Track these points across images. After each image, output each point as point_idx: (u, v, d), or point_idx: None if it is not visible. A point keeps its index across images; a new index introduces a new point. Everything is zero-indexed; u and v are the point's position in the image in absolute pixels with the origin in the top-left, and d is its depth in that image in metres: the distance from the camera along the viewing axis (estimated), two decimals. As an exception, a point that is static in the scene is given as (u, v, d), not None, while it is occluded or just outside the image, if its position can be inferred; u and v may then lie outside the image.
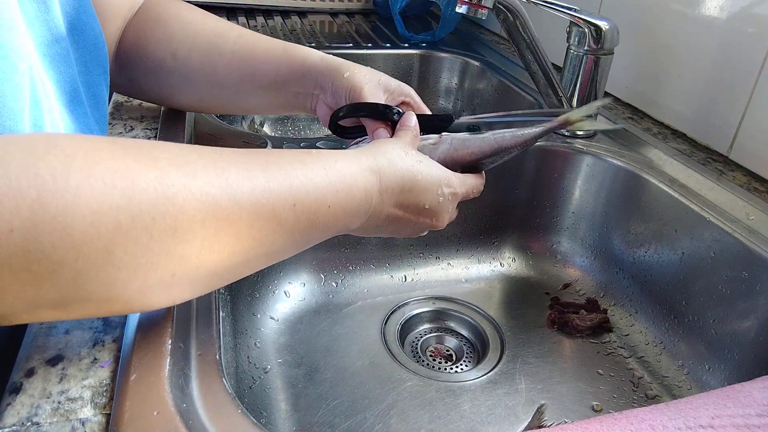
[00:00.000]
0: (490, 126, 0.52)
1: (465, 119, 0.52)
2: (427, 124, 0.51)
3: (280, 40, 0.56)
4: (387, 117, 0.50)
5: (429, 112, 0.55)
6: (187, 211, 0.29)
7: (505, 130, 0.49)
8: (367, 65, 0.55)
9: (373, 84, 0.52)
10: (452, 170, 0.47)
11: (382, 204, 0.41)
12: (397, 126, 0.50)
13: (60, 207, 0.26)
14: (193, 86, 0.57)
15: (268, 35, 0.57)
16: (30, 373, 0.33)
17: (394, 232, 0.45)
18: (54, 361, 0.34)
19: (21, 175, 0.25)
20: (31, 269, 0.26)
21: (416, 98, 0.55)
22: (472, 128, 0.53)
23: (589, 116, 0.48)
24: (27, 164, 0.25)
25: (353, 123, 0.53)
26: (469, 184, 0.48)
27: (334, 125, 0.53)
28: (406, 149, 0.44)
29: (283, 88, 0.55)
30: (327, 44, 1.00)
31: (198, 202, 0.30)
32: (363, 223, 0.41)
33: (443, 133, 0.50)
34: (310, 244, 0.38)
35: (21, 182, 0.25)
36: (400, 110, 0.51)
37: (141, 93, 0.62)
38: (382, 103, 0.52)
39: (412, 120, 0.49)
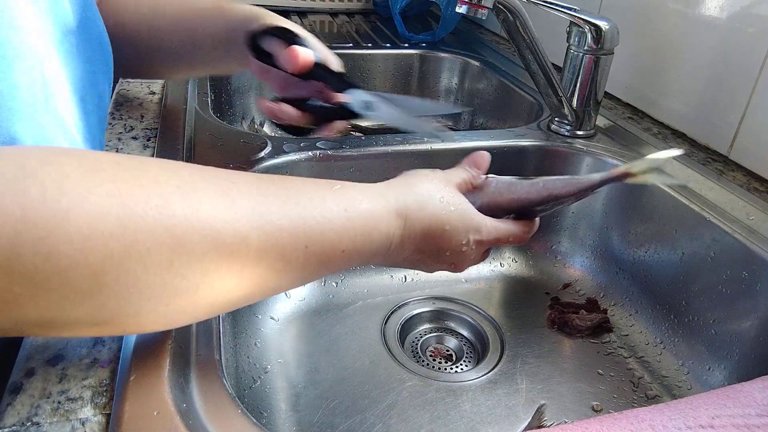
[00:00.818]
0: (388, 102, 0.52)
1: (361, 93, 0.53)
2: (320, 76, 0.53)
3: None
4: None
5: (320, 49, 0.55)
6: (185, 245, 0.28)
7: (556, 177, 0.45)
8: (367, 65, 0.55)
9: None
10: (494, 215, 0.44)
11: (402, 249, 0.39)
12: (465, 159, 0.46)
13: (47, 229, 0.24)
14: (142, 52, 0.59)
15: None
16: (30, 373, 0.33)
17: (409, 267, 0.44)
18: (54, 361, 0.34)
19: (6, 192, 0.24)
20: (14, 290, 0.24)
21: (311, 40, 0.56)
22: (369, 104, 0.53)
23: (655, 169, 0.43)
24: (15, 180, 0.24)
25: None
26: (501, 231, 0.44)
27: (252, 43, 0.54)
28: (443, 191, 0.41)
29: (220, 45, 0.57)
30: (327, 44, 1.00)
31: (199, 235, 0.28)
32: (378, 261, 0.39)
33: (489, 176, 0.46)
34: (317, 279, 0.38)
35: (5, 199, 0.24)
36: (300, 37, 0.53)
37: None
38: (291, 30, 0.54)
39: (482, 161, 0.46)
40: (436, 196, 0.40)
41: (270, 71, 0.56)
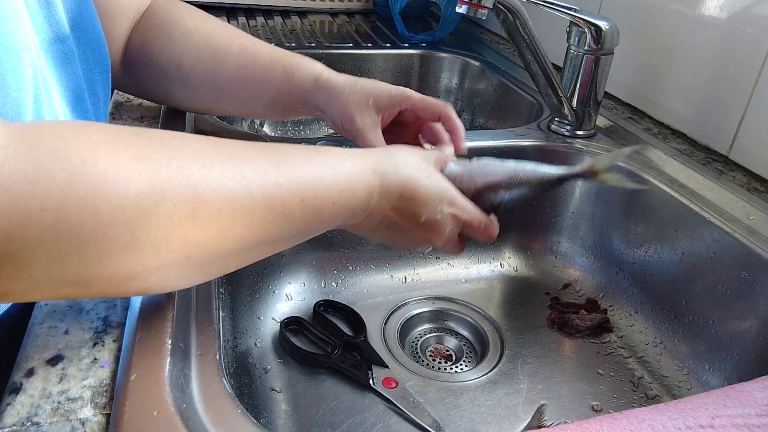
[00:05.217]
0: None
1: None
2: None
3: (281, 53, 0.56)
4: None
5: (431, 104, 0.53)
6: (205, 200, 0.31)
7: (526, 162, 0.48)
8: (367, 65, 0.55)
9: (364, 110, 0.52)
10: (467, 193, 0.46)
11: (380, 205, 0.42)
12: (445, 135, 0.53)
13: (89, 190, 0.27)
14: (199, 96, 0.58)
15: (268, 35, 0.57)
16: (30, 373, 0.33)
17: (390, 239, 0.46)
18: (54, 361, 0.34)
19: (52, 158, 0.26)
20: (60, 247, 0.27)
21: (416, 99, 0.53)
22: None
23: (617, 167, 0.45)
24: (57, 148, 0.27)
25: None
26: (473, 212, 0.46)
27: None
28: (419, 161, 0.44)
29: (286, 108, 0.56)
30: (327, 44, 1.00)
31: (215, 192, 0.32)
32: (361, 221, 0.42)
33: (474, 157, 0.49)
34: (309, 236, 0.40)
35: (52, 165, 0.26)
36: None
37: (149, 96, 0.62)
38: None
39: (451, 136, 0.52)
40: (409, 162, 0.43)
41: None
